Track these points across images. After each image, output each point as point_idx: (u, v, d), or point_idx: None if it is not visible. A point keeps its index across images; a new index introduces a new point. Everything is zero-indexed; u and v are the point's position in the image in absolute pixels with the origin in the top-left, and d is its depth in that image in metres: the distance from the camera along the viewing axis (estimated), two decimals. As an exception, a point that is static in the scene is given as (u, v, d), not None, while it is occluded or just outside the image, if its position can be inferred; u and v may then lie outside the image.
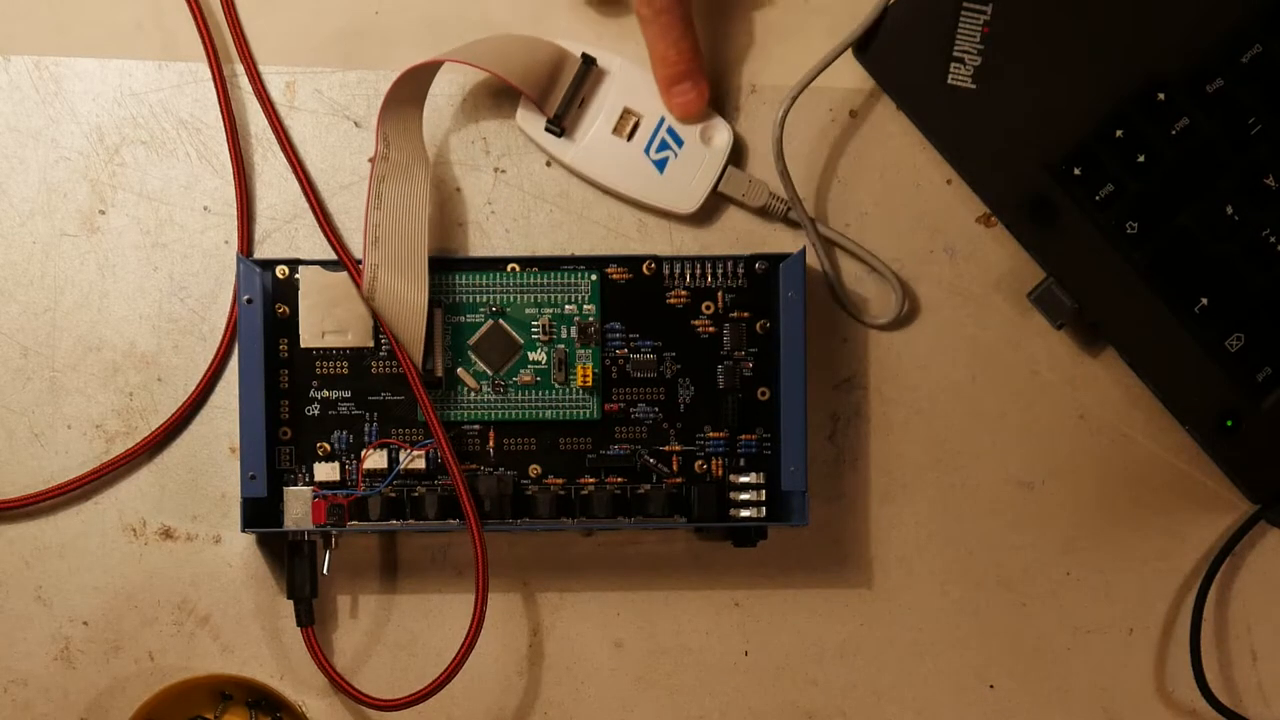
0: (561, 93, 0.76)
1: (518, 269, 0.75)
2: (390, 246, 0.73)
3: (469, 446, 0.75)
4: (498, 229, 0.78)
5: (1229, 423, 0.77)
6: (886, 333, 0.78)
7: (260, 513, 0.74)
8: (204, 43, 0.76)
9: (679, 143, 0.77)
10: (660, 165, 0.77)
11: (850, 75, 0.78)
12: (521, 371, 0.75)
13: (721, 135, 0.77)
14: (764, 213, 0.78)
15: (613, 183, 0.77)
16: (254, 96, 0.77)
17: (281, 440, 0.75)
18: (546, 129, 0.77)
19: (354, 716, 0.78)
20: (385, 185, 0.74)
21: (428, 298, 0.73)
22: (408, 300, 0.73)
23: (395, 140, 0.74)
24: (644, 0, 0.75)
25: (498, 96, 0.78)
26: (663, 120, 0.77)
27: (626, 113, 0.77)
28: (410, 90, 0.75)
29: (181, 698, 0.76)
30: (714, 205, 0.78)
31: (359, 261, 0.74)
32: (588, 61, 0.76)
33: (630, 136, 0.77)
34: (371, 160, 0.75)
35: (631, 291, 0.76)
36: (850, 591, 0.78)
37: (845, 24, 0.76)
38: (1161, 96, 0.76)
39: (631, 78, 0.77)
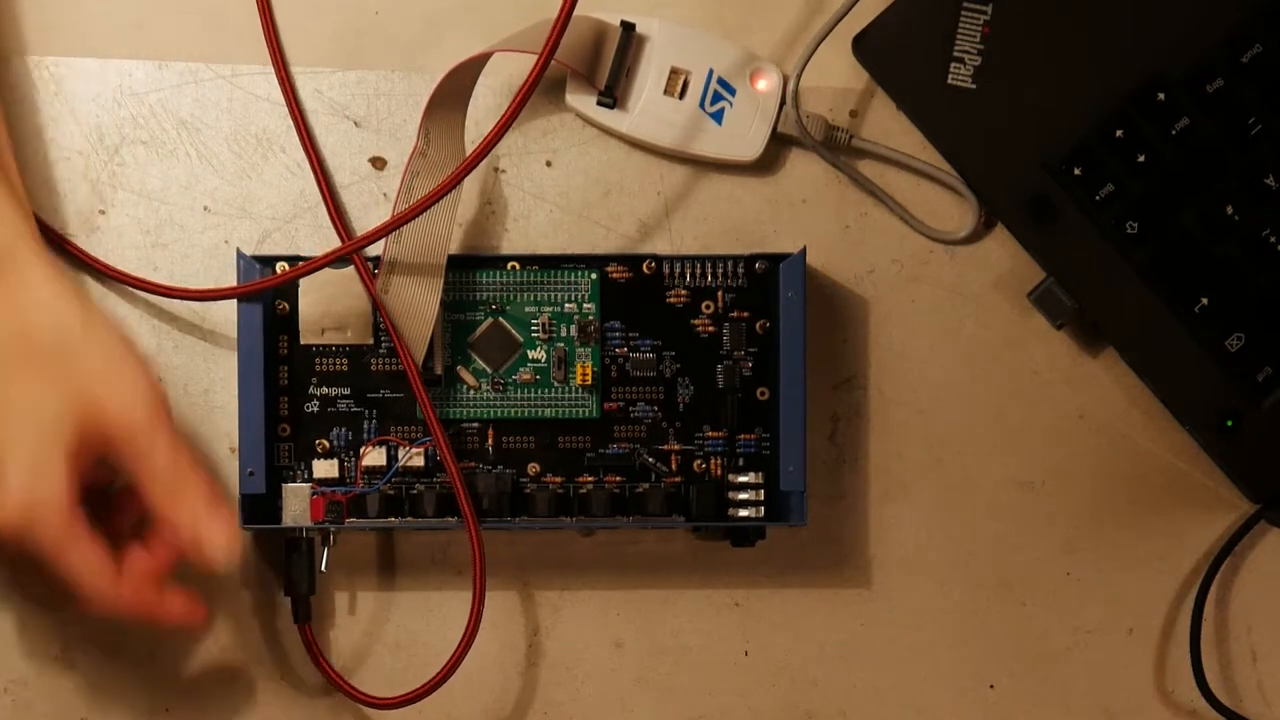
0: (608, 64, 0.76)
1: (518, 267, 0.75)
2: (411, 245, 0.73)
3: (468, 444, 0.75)
4: (497, 229, 0.78)
5: (1229, 423, 0.77)
6: (886, 332, 0.78)
7: (259, 509, 0.74)
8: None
9: (731, 91, 0.76)
10: (717, 117, 0.76)
11: (850, 75, 0.78)
12: (521, 370, 0.75)
13: (772, 76, 0.77)
14: (828, 145, 0.77)
15: (674, 143, 0.77)
16: (255, 96, 0.77)
17: (280, 437, 0.75)
18: (599, 103, 0.76)
19: (351, 715, 0.77)
20: (418, 182, 0.74)
21: (439, 301, 0.73)
22: (419, 301, 0.73)
23: (436, 138, 0.74)
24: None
25: (498, 97, 0.78)
26: (711, 72, 0.76)
27: (674, 72, 0.76)
28: (456, 86, 0.74)
29: None
30: (774, 154, 0.78)
31: (369, 259, 0.74)
32: (627, 28, 0.76)
33: (682, 95, 0.77)
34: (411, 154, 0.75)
35: (631, 290, 0.76)
36: (850, 591, 0.78)
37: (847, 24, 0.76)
38: (1161, 96, 0.76)
39: (672, 36, 0.76)
